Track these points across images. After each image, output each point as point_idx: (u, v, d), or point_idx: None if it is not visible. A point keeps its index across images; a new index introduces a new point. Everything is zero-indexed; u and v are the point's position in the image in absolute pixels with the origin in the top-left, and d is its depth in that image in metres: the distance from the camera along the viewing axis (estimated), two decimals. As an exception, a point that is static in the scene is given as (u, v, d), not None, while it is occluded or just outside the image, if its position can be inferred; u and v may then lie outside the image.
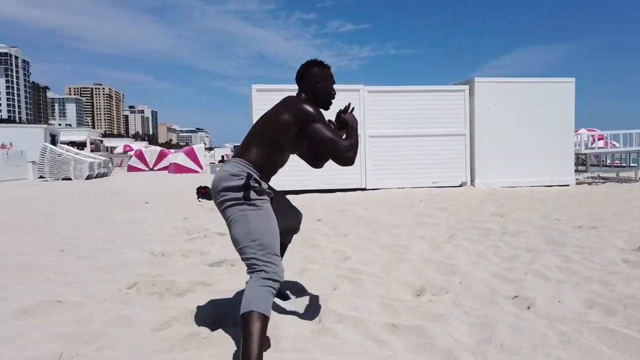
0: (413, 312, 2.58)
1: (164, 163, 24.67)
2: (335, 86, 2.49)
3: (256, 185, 2.13)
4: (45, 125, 22.74)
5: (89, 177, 18.07)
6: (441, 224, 5.47)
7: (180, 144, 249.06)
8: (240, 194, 2.10)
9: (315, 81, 2.39)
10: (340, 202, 7.96)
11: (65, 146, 20.02)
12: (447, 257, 3.85)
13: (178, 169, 21.04)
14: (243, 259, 2.08)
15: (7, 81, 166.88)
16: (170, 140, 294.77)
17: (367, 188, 9.95)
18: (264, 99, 9.52)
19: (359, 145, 2.49)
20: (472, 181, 10.33)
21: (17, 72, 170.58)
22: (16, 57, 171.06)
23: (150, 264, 3.80)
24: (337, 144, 2.20)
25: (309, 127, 2.20)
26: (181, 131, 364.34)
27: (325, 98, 2.44)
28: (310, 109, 2.21)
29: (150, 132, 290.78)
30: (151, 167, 24.73)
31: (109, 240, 4.85)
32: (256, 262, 2.03)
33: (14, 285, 3.20)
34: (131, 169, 24.44)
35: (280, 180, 9.40)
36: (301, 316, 2.56)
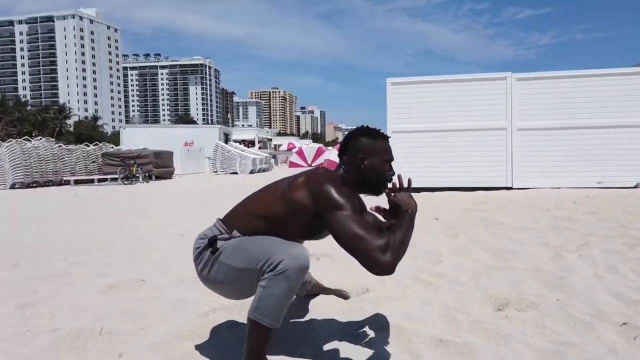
0: (475, 328, 2.18)
1: (320, 160, 25.81)
2: (477, 75, 1.94)
3: (224, 236, 1.81)
4: (220, 126, 25.72)
5: (251, 172, 19.85)
6: (579, 230, 4.61)
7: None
8: (208, 252, 1.80)
9: (361, 157, 1.80)
10: (473, 201, 7.30)
11: (234, 144, 22.36)
12: (563, 268, 3.20)
13: (292, 164, 25.85)
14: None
15: (202, 89, 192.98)
16: (337, 138, 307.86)
17: (513, 187, 8.97)
18: (400, 92, 9.25)
19: (409, 239, 1.64)
20: (651, 181, 8.58)
21: (209, 80, 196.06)
22: (209, 67, 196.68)
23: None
24: (366, 242, 1.56)
25: (328, 216, 1.64)
26: (346, 129, 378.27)
27: (375, 180, 1.84)
28: (334, 191, 1.66)
29: (319, 131, 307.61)
30: (309, 163, 26.12)
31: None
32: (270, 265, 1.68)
33: (120, 264, 3.60)
34: (292, 164, 26.18)
35: (413, 177, 9.07)
36: (342, 319, 2.36)
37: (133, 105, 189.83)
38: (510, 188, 8.96)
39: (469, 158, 9.06)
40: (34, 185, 15.43)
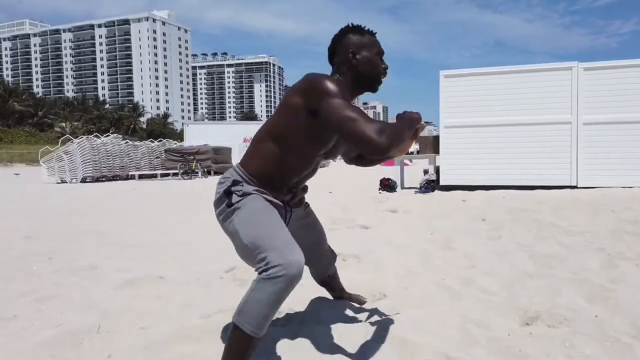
0: (491, 346, 1.94)
1: (378, 155, 25.47)
2: (538, 66, 1.79)
3: (239, 188, 1.74)
4: (278, 122, 26.02)
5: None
6: (644, 235, 4.13)
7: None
8: (224, 204, 1.75)
9: (353, 52, 1.77)
10: (528, 201, 6.81)
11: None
12: (614, 279, 2.84)
13: None
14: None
15: (266, 86, 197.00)
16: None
17: (578, 186, 8.29)
18: (453, 85, 8.82)
19: (412, 141, 1.73)
20: None
21: (273, 77, 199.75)
22: (273, 65, 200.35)
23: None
24: (361, 122, 1.51)
25: (322, 105, 1.58)
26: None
27: (370, 74, 1.80)
28: (325, 82, 1.60)
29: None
30: (367, 159, 25.84)
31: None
32: (260, 265, 1.57)
33: (144, 259, 3.63)
34: (349, 161, 25.98)
35: (466, 174, 8.63)
36: (347, 324, 2.19)
37: (201, 103, 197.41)
38: (575, 187, 8.30)
39: (528, 154, 8.49)
40: (103, 179, 16.37)
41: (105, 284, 2.92)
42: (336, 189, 9.75)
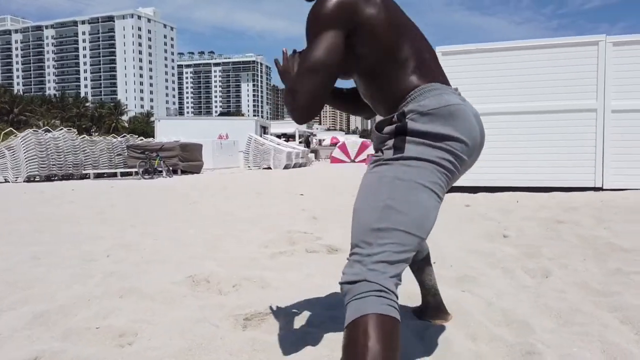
0: None
1: (363, 155, 23.91)
2: (563, 40, 0.40)
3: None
4: (256, 118, 24.26)
5: (286, 167, 18.21)
6: None
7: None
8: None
9: None
10: (555, 207, 5.20)
11: (269, 136, 20.81)
12: None
13: (334, 160, 23.84)
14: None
15: (254, 85, 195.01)
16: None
17: (604, 188, 6.72)
18: (450, 65, 7.18)
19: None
20: None
21: (261, 77, 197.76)
22: (260, 64, 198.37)
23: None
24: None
25: None
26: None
27: None
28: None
29: (368, 127, 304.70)
30: (352, 158, 24.25)
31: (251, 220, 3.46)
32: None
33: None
34: (334, 160, 24.37)
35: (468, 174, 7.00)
36: None
37: (187, 102, 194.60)
38: (600, 189, 6.73)
39: (543, 150, 6.89)
40: (55, 178, 14.53)
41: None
42: (310, 191, 8.10)
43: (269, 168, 18.25)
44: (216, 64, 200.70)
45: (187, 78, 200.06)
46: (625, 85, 6.64)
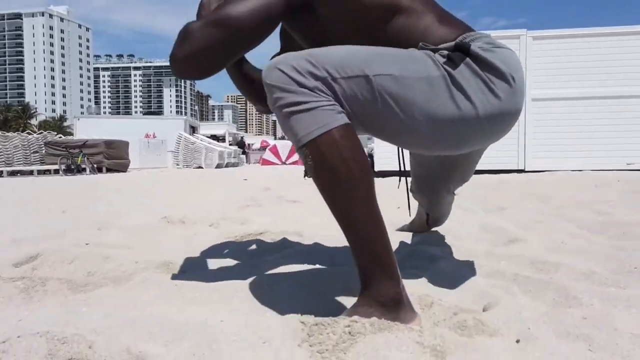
0: None
1: (295, 157, 24.08)
2: (489, 32, 0.44)
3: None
4: (185, 117, 23.65)
5: (218, 166, 17.91)
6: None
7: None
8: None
9: None
10: (487, 185, 5.62)
11: (200, 135, 20.38)
12: None
13: (265, 162, 23.80)
14: None
15: (177, 91, 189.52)
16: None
17: (526, 169, 7.34)
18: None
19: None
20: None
21: (184, 82, 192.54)
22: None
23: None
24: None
25: None
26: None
27: None
28: None
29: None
30: (283, 161, 24.31)
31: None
32: None
33: None
34: (265, 162, 24.27)
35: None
36: None
37: (105, 106, 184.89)
38: (523, 171, 7.33)
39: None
40: (-40, 176, 13.25)
41: None
42: (252, 178, 8.08)
43: (200, 167, 17.85)
44: (136, 68, 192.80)
45: (104, 82, 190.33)
46: (545, 75, 7.28)
